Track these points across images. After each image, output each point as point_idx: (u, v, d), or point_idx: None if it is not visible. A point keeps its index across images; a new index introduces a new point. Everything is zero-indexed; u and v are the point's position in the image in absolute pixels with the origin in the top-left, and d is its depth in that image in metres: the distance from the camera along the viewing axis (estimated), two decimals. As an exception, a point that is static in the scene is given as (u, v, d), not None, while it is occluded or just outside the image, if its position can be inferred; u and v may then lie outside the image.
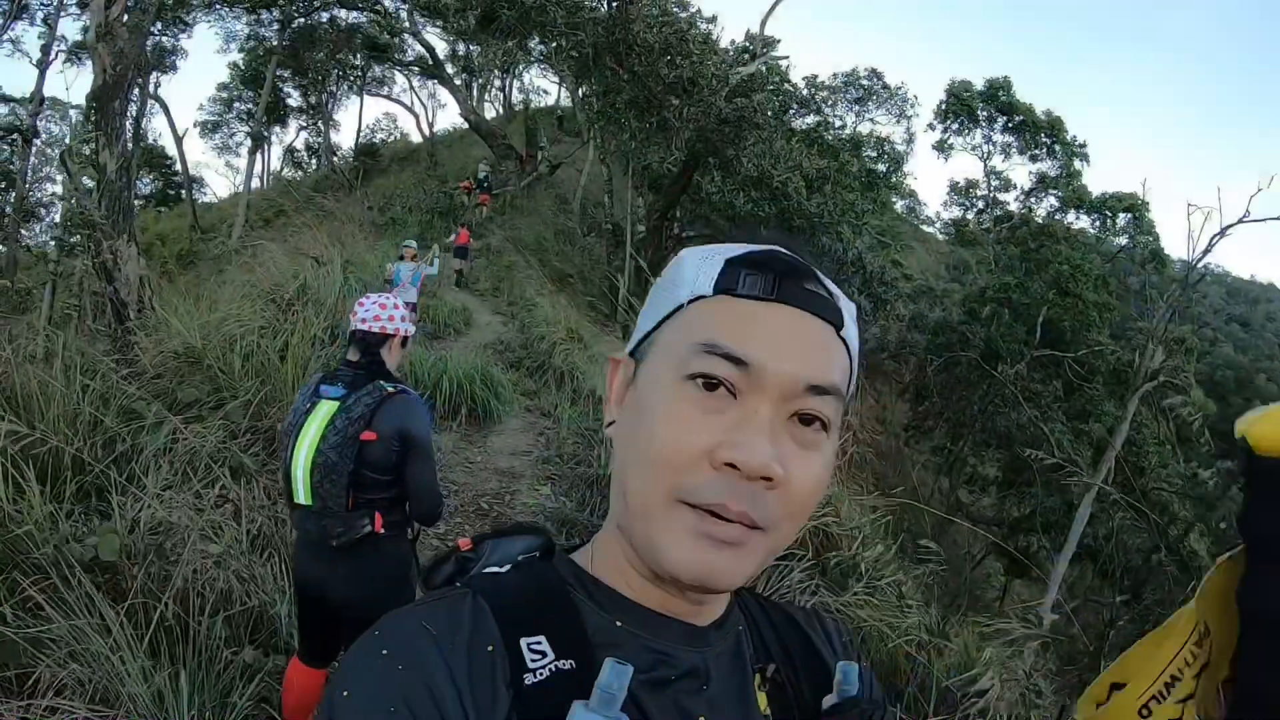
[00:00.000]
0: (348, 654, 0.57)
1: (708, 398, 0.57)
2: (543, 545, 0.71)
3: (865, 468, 12.52)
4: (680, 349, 0.60)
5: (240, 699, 2.66)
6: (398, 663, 0.54)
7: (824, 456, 0.60)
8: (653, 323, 0.65)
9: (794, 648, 0.73)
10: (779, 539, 0.59)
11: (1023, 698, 4.00)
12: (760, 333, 0.58)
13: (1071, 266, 18.24)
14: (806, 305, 0.60)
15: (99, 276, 6.10)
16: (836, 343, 0.62)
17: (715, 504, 0.55)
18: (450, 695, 0.53)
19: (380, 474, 2.34)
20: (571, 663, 0.57)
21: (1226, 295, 67.87)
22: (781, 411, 0.58)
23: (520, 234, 17.73)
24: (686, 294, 0.62)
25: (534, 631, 0.59)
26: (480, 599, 0.60)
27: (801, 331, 0.60)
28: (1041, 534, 15.10)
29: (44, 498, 3.13)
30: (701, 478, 0.56)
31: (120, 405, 4.24)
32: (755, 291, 0.60)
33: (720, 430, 0.56)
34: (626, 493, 0.61)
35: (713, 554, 0.56)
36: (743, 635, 0.69)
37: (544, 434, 7.28)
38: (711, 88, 12.59)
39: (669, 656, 0.62)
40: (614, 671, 0.54)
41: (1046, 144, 31.45)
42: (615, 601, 0.63)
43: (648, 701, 0.59)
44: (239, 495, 3.80)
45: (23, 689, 2.43)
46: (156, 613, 2.73)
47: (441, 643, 0.56)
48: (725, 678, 0.65)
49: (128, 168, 6.28)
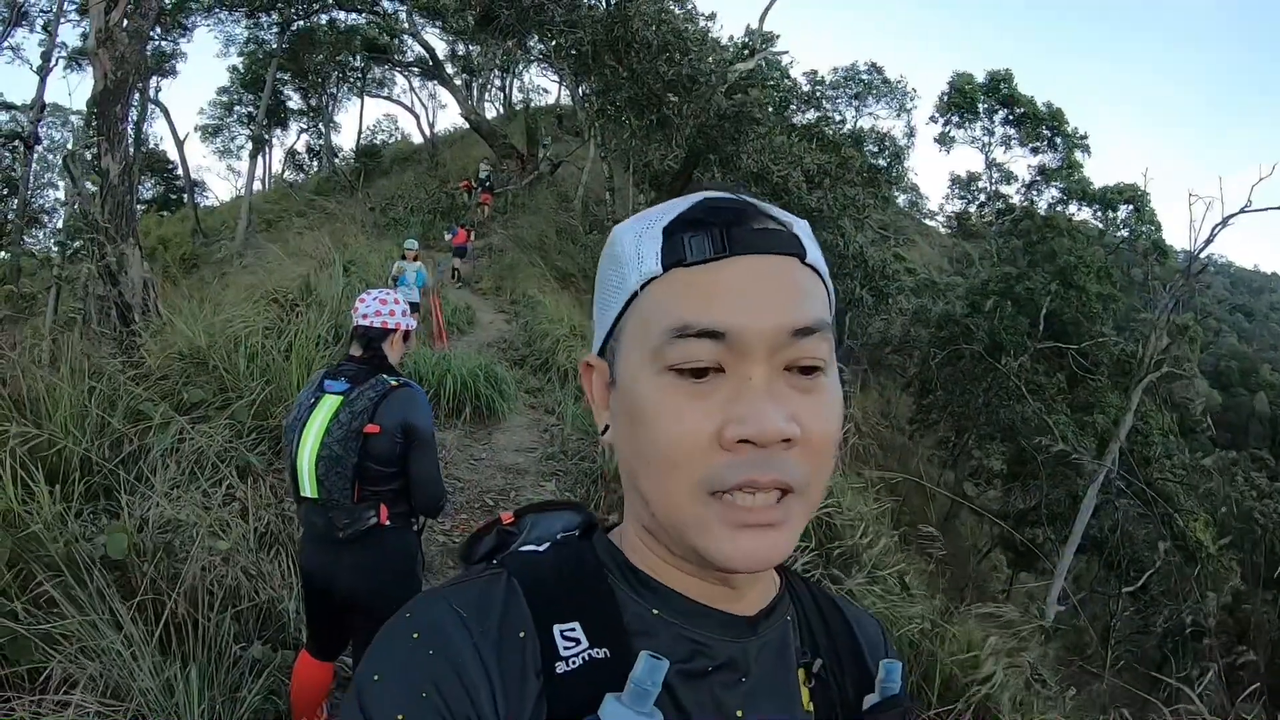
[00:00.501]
0: (379, 635, 0.56)
1: (695, 383, 0.54)
2: (583, 523, 0.70)
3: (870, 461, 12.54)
4: (650, 340, 0.56)
5: (249, 693, 2.69)
6: (428, 647, 0.54)
7: (830, 393, 0.57)
8: (612, 317, 0.61)
9: (840, 641, 0.70)
10: (813, 495, 0.57)
11: (1027, 685, 4.02)
12: (726, 295, 0.54)
13: (1074, 258, 18.23)
14: (763, 247, 0.56)
15: (103, 280, 6.13)
16: (805, 273, 0.58)
17: (744, 483, 0.53)
18: (481, 681, 0.53)
19: (384, 466, 2.38)
20: (606, 651, 0.56)
21: (1230, 285, 67.72)
22: (774, 367, 0.55)
23: (522, 233, 17.75)
24: (636, 278, 0.58)
25: (569, 617, 0.57)
26: (514, 581, 0.59)
27: (767, 277, 0.55)
28: (1047, 526, 15.10)
29: (53, 498, 3.16)
30: (719, 463, 0.53)
31: (127, 406, 4.27)
32: (705, 253, 0.55)
33: (719, 410, 0.54)
34: (647, 500, 0.58)
35: (754, 540, 0.54)
36: (789, 626, 0.66)
37: (548, 431, 7.31)
38: (711, 84, 12.61)
39: (706, 647, 0.59)
40: (649, 666, 0.52)
41: (1048, 136, 31.49)
42: (652, 589, 0.61)
43: (683, 692, 0.57)
44: (246, 493, 3.83)
45: (35, 684, 2.46)
46: (166, 609, 2.76)
47: (472, 627, 0.55)
48: (767, 670, 0.62)
49: (130, 172, 6.31)
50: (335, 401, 2.40)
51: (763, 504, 0.54)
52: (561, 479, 6.10)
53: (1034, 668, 4.25)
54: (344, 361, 2.57)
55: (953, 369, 17.50)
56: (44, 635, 2.50)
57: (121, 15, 6.02)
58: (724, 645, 0.60)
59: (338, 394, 2.42)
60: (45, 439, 3.56)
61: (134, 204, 6.55)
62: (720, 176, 15.18)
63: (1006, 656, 3.93)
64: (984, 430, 17.25)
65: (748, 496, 0.54)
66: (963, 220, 37.47)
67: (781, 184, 13.77)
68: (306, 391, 2.51)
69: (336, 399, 2.41)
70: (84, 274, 7.72)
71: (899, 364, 22.91)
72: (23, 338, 5.30)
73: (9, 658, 2.48)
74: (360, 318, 2.56)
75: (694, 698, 0.57)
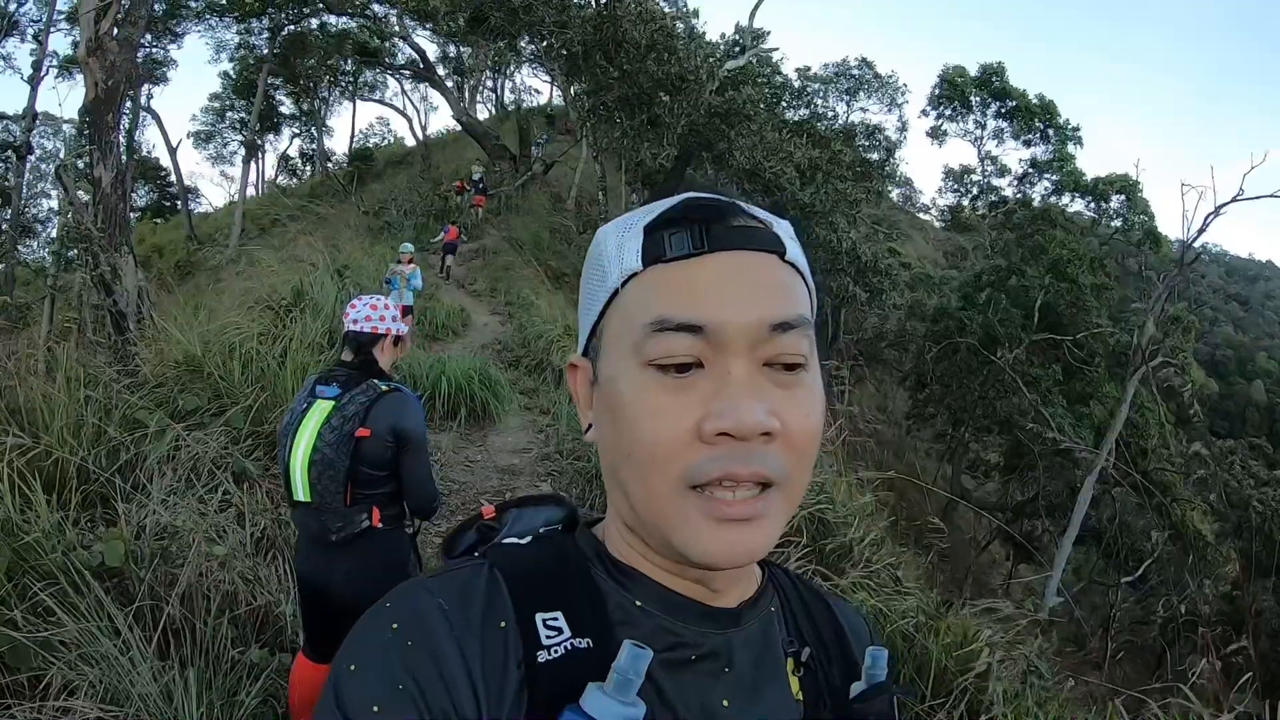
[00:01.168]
0: (357, 625, 0.56)
1: (675, 377, 0.55)
2: (565, 518, 0.70)
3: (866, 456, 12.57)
4: (630, 335, 0.57)
5: (248, 696, 2.71)
6: (406, 637, 0.53)
7: (811, 390, 0.58)
8: (594, 316, 0.62)
9: (825, 630, 0.71)
10: (794, 489, 0.57)
11: (1023, 678, 4.04)
12: (704, 290, 0.55)
13: (1066, 251, 18.27)
14: (742, 244, 0.57)
15: (98, 289, 6.13)
16: (785, 270, 0.59)
17: (723, 476, 0.53)
18: (459, 672, 0.52)
19: (376, 470, 2.41)
20: (588, 641, 0.56)
21: (1225, 274, 67.84)
22: (754, 362, 0.55)
23: (516, 233, 17.75)
24: (617, 276, 0.59)
25: (551, 607, 0.57)
26: (496, 572, 0.59)
27: (746, 273, 0.56)
28: (1045, 517, 15.13)
29: (50, 507, 3.17)
30: (699, 456, 0.54)
31: (123, 415, 4.28)
32: (685, 249, 0.56)
33: (699, 404, 0.54)
34: (627, 495, 0.58)
35: (735, 534, 0.54)
36: (774, 617, 0.67)
37: (543, 431, 7.32)
38: (700, 81, 12.63)
39: (689, 638, 0.60)
40: (632, 655, 0.52)
41: (1040, 128, 31.49)
42: (635, 580, 0.61)
43: (666, 683, 0.57)
44: (242, 499, 3.85)
45: (35, 692, 2.48)
46: (164, 614, 2.79)
47: (452, 617, 0.55)
48: (751, 660, 0.62)
49: (122, 181, 6.31)
50: (327, 406, 2.43)
51: (743, 498, 0.54)
52: (557, 479, 6.11)
53: (1030, 660, 4.26)
54: (336, 367, 2.60)
55: (948, 362, 17.55)
56: (43, 643, 2.52)
57: (112, 24, 6.02)
58: (707, 636, 0.60)
59: (330, 399, 2.45)
60: (42, 449, 3.57)
61: (127, 212, 6.56)
62: (713, 174, 15.22)
63: (1003, 649, 3.96)
64: (980, 423, 17.29)
65: (728, 491, 0.54)
66: (956, 213, 37.52)
67: (774, 180, 13.82)
68: (299, 396, 2.54)
69: (328, 404, 2.44)
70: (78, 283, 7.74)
71: (894, 358, 22.97)
72: (18, 348, 5.30)
73: (9, 665, 2.49)
74: (351, 323, 2.60)
75: (677, 688, 0.58)
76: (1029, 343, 16.55)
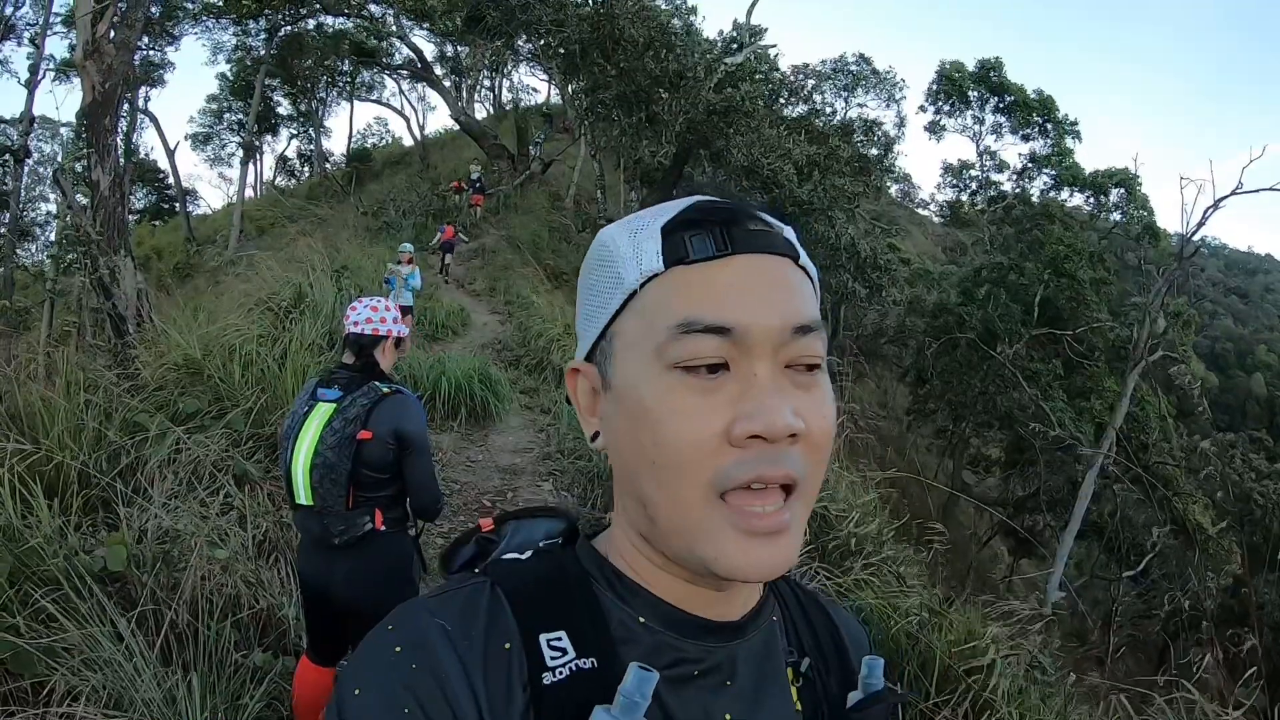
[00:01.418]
0: (360, 647, 0.56)
1: (705, 379, 0.54)
2: (566, 530, 0.69)
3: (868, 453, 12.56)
4: (652, 337, 0.55)
5: (251, 700, 2.71)
6: (411, 660, 0.52)
7: (826, 391, 0.58)
8: (605, 319, 0.60)
9: (824, 639, 0.71)
10: (811, 491, 0.57)
11: (1027, 674, 4.03)
12: (730, 292, 0.55)
13: (1064, 246, 18.28)
14: (761, 247, 0.57)
15: (97, 292, 6.12)
16: (799, 274, 0.59)
17: (753, 479, 0.53)
18: (465, 696, 0.52)
19: (378, 472, 2.40)
20: (593, 661, 0.55)
21: (1224, 268, 67.86)
22: (778, 364, 0.55)
23: (515, 233, 17.74)
24: (635, 276, 0.57)
25: (555, 626, 0.56)
26: (498, 590, 0.58)
27: (767, 276, 0.56)
28: (1046, 512, 15.14)
29: (52, 512, 3.16)
30: (729, 460, 0.53)
31: (123, 419, 4.27)
32: (708, 251, 0.56)
33: (726, 406, 0.53)
34: (646, 504, 0.57)
35: (763, 549, 0.54)
36: (776, 627, 0.66)
37: (544, 431, 7.32)
38: (699, 78, 12.62)
39: (692, 653, 0.59)
40: (639, 678, 0.52)
41: (1038, 123, 31.50)
42: (638, 595, 0.60)
43: (670, 700, 0.57)
44: (244, 502, 3.85)
45: (39, 698, 2.47)
46: (166, 619, 2.78)
47: (456, 639, 0.54)
48: (755, 673, 0.62)
49: (121, 184, 6.29)
50: (328, 409, 2.43)
51: (773, 509, 0.54)
52: (558, 479, 6.11)
53: (1033, 656, 4.26)
54: (337, 369, 2.59)
55: (948, 358, 17.55)
56: (46, 649, 2.51)
57: (108, 27, 6.00)
58: (710, 650, 0.60)
59: (331, 402, 2.44)
60: (43, 454, 3.57)
61: (125, 215, 6.54)
62: (711, 171, 15.20)
63: (1006, 644, 3.95)
64: (981, 418, 17.30)
65: (757, 502, 0.54)
66: (955, 209, 37.53)
67: (772, 177, 13.80)
68: (300, 399, 2.54)
69: (330, 406, 2.43)
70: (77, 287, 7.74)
71: (894, 354, 22.98)
72: (18, 353, 5.30)
73: (12, 671, 2.49)
74: (352, 325, 2.59)
75: (681, 704, 0.57)
76: (1029, 338, 16.55)
